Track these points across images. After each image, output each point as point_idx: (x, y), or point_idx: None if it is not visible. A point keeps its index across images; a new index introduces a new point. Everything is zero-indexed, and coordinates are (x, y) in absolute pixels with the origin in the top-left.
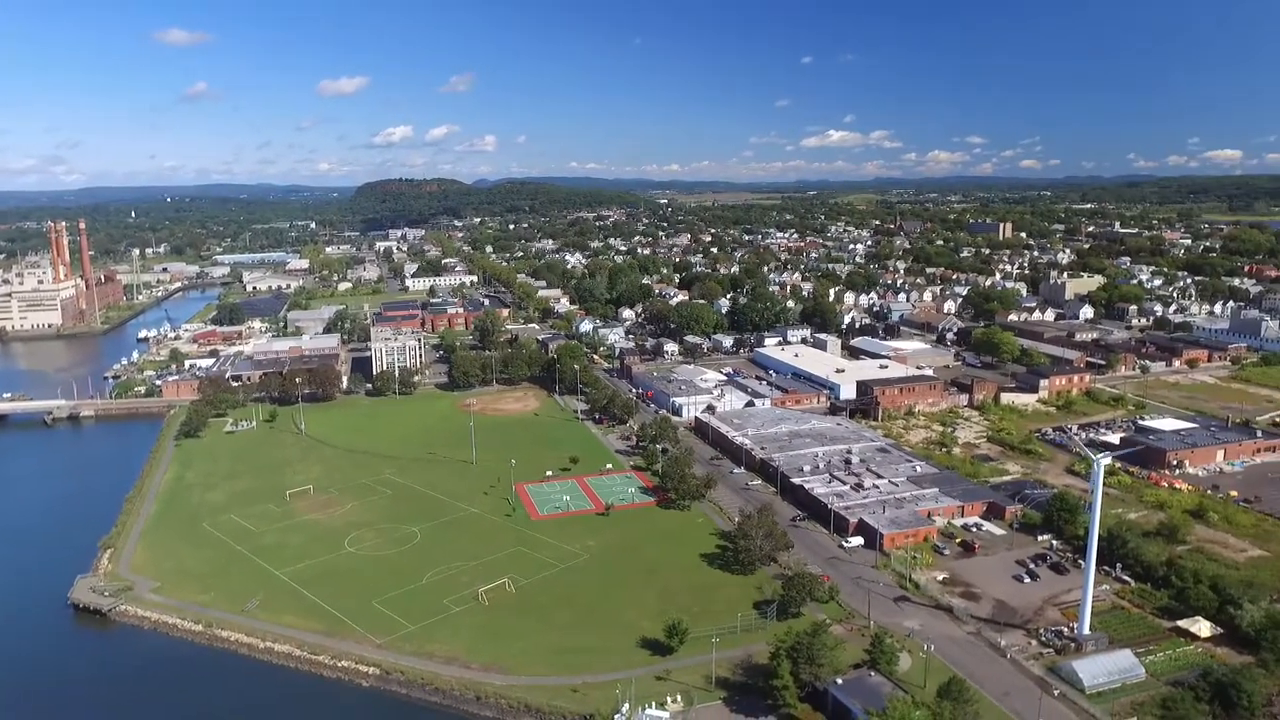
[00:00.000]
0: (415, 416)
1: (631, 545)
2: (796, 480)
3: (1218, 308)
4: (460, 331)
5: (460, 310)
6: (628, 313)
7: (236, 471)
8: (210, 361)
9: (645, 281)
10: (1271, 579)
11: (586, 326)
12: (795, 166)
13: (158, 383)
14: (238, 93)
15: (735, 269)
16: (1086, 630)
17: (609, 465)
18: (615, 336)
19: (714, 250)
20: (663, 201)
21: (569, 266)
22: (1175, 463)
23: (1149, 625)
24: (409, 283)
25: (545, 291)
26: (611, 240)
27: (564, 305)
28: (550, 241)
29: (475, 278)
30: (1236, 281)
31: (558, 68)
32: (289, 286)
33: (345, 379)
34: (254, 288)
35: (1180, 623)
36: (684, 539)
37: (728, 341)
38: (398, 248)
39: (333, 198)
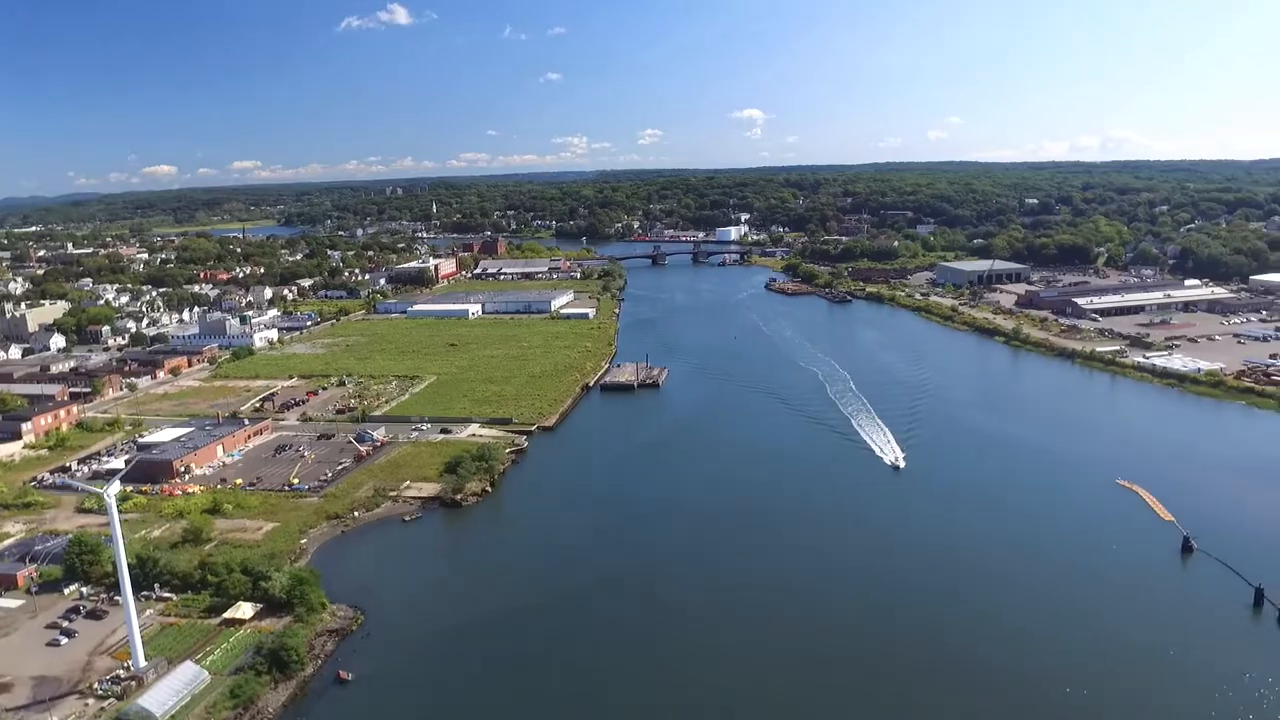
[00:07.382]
0: None
1: None
2: None
3: (186, 315)
4: None
5: None
6: None
7: None
8: None
9: None
10: (286, 544)
11: None
12: None
13: None
14: None
15: None
16: (143, 662)
17: None
18: None
19: None
20: None
21: None
22: (183, 469)
23: (200, 629)
24: None
25: None
26: None
27: None
28: None
29: None
30: (197, 288)
31: None
32: None
33: None
34: None
35: (226, 614)
36: None
37: None
38: None
39: None
